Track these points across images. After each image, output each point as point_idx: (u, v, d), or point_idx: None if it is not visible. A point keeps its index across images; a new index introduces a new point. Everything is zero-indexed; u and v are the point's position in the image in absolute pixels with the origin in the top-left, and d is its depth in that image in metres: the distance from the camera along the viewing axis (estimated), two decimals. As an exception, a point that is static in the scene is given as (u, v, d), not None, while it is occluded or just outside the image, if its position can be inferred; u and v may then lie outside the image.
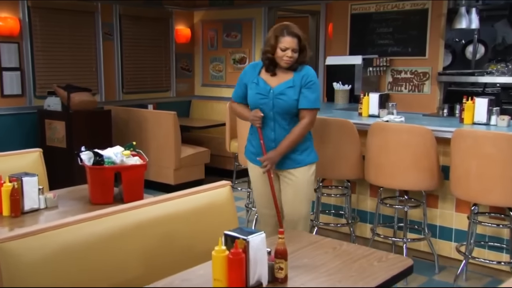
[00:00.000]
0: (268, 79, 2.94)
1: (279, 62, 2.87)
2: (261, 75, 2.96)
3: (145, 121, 5.70)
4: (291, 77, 2.90)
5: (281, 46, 2.82)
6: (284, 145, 2.92)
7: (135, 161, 2.89)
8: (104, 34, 6.02)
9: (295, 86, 2.89)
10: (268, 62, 2.91)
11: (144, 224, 2.16)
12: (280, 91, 2.89)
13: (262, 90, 2.93)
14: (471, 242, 3.34)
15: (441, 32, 4.85)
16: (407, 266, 1.99)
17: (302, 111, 2.91)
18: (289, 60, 2.84)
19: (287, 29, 2.84)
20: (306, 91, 2.89)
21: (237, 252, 1.75)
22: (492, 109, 3.45)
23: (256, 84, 2.95)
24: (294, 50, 2.83)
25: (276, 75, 2.93)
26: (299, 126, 2.91)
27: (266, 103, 2.92)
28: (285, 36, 2.82)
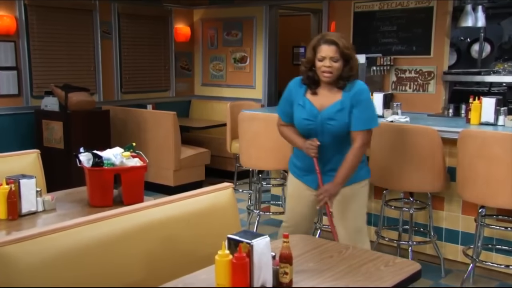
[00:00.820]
0: (314, 100, 2.64)
1: (320, 76, 2.58)
2: (307, 95, 2.66)
3: (144, 122, 5.63)
4: (339, 98, 2.60)
5: (318, 56, 2.54)
6: (341, 175, 2.62)
7: (135, 162, 2.82)
8: (103, 33, 5.94)
9: (345, 108, 2.58)
10: (308, 80, 2.63)
11: (145, 227, 2.10)
12: (328, 116, 2.60)
13: (309, 114, 2.63)
14: (479, 245, 3.26)
15: (446, 30, 4.78)
16: (415, 271, 1.93)
17: (354, 132, 2.61)
18: (327, 70, 2.53)
19: (323, 37, 2.57)
20: (357, 110, 2.58)
21: (241, 257, 1.69)
22: (500, 109, 3.38)
23: (302, 106, 2.65)
24: (332, 59, 2.52)
25: (322, 95, 2.63)
26: (352, 152, 2.61)
27: (314, 128, 2.64)
28: (321, 45, 2.54)
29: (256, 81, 6.49)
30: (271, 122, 3.94)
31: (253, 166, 4.18)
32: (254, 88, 6.51)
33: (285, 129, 2.81)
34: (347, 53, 2.55)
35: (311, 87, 2.65)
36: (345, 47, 2.54)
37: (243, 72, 6.59)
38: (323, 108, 2.62)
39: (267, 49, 6.35)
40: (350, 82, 2.60)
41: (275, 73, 6.55)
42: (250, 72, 6.52)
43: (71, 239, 1.87)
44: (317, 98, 2.65)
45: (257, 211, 4.31)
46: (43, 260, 1.76)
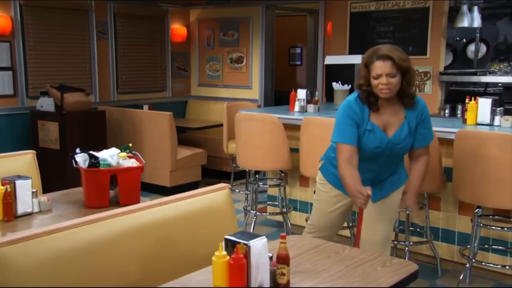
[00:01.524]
0: (379, 123, 2.50)
1: (378, 94, 2.44)
2: (372, 118, 2.50)
3: (140, 122, 5.61)
4: (403, 117, 2.49)
5: (373, 74, 2.40)
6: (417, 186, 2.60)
7: (131, 163, 2.81)
8: (98, 33, 5.92)
9: (411, 129, 2.51)
10: (366, 97, 2.47)
11: (141, 228, 2.09)
12: (398, 141, 2.51)
13: (380, 141, 2.50)
14: (475, 246, 3.27)
15: (442, 31, 4.79)
16: (412, 271, 1.93)
17: (419, 149, 2.57)
18: (385, 88, 2.38)
19: (376, 53, 2.41)
20: (422, 128, 2.52)
21: (238, 257, 1.69)
22: (496, 109, 3.39)
23: (372, 132, 2.49)
24: (389, 75, 2.37)
25: (385, 113, 2.49)
26: (425, 166, 2.59)
27: (381, 153, 2.53)
28: (375, 62, 2.40)
29: (252, 82, 6.49)
30: (268, 123, 3.95)
31: (250, 166, 4.17)
32: (251, 89, 6.51)
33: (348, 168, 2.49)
34: (404, 66, 2.39)
35: (372, 106, 2.48)
36: (401, 60, 2.39)
37: (239, 72, 6.58)
38: (391, 131, 2.51)
39: (264, 49, 6.35)
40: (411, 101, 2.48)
41: (271, 74, 6.55)
42: (246, 73, 6.52)
43: (67, 240, 1.86)
44: (381, 119, 2.50)
45: (254, 211, 4.31)
46: (39, 261, 1.75)
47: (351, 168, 2.50)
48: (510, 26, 5.66)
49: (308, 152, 3.69)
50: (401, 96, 2.45)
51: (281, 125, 3.90)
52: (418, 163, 2.60)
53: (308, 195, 4.24)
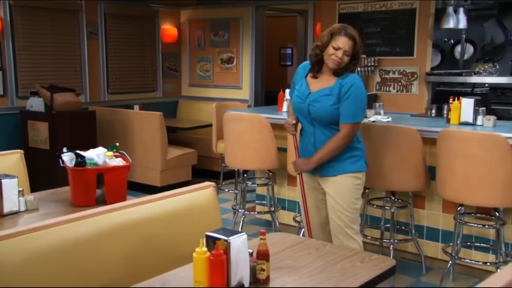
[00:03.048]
0: (311, 83, 2.82)
1: (326, 60, 2.71)
2: (307, 77, 2.85)
3: (131, 122, 5.63)
4: (331, 84, 2.74)
5: (334, 44, 2.65)
6: (317, 155, 2.79)
7: (118, 162, 2.83)
8: (89, 33, 5.94)
9: (332, 95, 2.72)
10: (315, 60, 2.76)
11: (125, 226, 2.12)
12: (315, 98, 2.76)
13: (301, 94, 2.82)
14: (458, 243, 3.32)
15: (429, 32, 4.84)
16: (389, 267, 1.96)
17: (341, 124, 2.74)
18: (337, 61, 2.66)
19: (345, 29, 2.68)
20: (345, 103, 2.71)
21: (218, 253, 1.72)
22: (478, 109, 3.44)
23: (300, 86, 2.85)
24: (346, 53, 2.65)
25: (320, 79, 2.79)
26: (334, 138, 2.75)
27: (303, 108, 2.81)
28: (341, 35, 2.65)
29: (243, 82, 6.53)
30: (256, 122, 3.99)
31: (238, 166, 4.21)
32: (241, 89, 6.54)
33: (289, 106, 3.06)
34: (359, 52, 2.72)
35: (314, 68, 2.78)
36: (359, 46, 2.70)
37: (230, 72, 6.62)
38: (314, 91, 2.79)
39: (254, 49, 6.39)
40: (346, 74, 2.72)
41: (261, 74, 6.59)
42: (237, 73, 6.55)
43: (51, 238, 1.88)
44: (314, 82, 2.80)
45: (242, 210, 4.34)
46: (24, 258, 1.77)
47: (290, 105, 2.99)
48: (496, 27, 5.74)
49: (295, 151, 3.73)
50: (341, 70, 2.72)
51: (269, 125, 3.94)
52: (332, 138, 2.76)
53: (296, 194, 4.28)
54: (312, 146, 2.83)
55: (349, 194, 2.83)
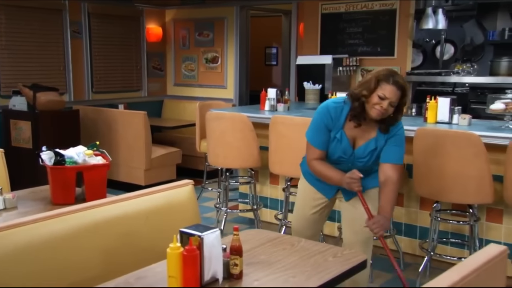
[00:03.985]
0: (351, 134, 2.54)
1: (368, 110, 2.43)
2: (345, 128, 2.54)
3: (115, 121, 5.64)
4: (374, 135, 2.53)
5: (380, 93, 2.38)
6: (389, 210, 2.53)
7: (97, 160, 2.86)
8: (72, 32, 5.93)
9: (378, 147, 2.54)
10: (360, 110, 2.46)
11: (103, 223, 2.14)
12: (361, 155, 2.56)
13: (343, 151, 2.56)
14: (434, 239, 3.39)
15: (409, 32, 4.92)
16: (360, 261, 2.02)
17: (389, 164, 2.53)
18: (381, 112, 2.40)
19: (394, 77, 2.40)
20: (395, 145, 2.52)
21: (191, 249, 1.76)
22: (454, 108, 3.51)
23: (339, 141, 2.55)
24: (392, 104, 2.40)
25: (360, 129, 2.52)
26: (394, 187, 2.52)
27: (344, 162, 2.59)
28: (390, 84, 2.38)
29: (227, 81, 6.56)
30: (238, 121, 4.03)
31: (220, 164, 4.25)
32: (226, 88, 6.58)
33: (318, 165, 2.61)
34: (405, 103, 2.48)
35: (358, 118, 2.49)
36: (406, 97, 2.46)
37: (214, 72, 6.65)
38: (357, 145, 2.56)
39: (238, 49, 6.43)
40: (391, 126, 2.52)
41: (246, 73, 6.63)
42: (221, 72, 6.59)
43: (28, 235, 1.90)
44: (353, 131, 2.54)
45: (225, 208, 4.38)
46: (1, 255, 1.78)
47: (323, 163, 2.60)
48: (476, 28, 5.85)
49: (276, 150, 3.78)
50: (381, 120, 2.48)
51: (250, 124, 3.98)
52: (385, 187, 2.52)
53: (278, 192, 4.33)
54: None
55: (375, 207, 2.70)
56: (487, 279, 1.55)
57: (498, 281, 1.62)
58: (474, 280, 1.48)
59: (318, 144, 2.59)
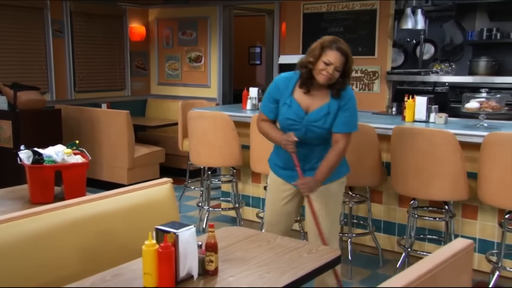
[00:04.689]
0: (302, 100, 2.63)
1: (316, 76, 2.54)
2: (295, 94, 2.65)
3: (98, 121, 5.63)
4: (327, 101, 2.61)
5: (325, 59, 2.49)
6: (321, 172, 2.63)
7: (76, 159, 2.86)
8: (54, 31, 5.90)
9: (331, 113, 2.61)
10: (306, 75, 2.58)
11: (80, 221, 2.15)
12: (315, 119, 2.62)
13: (295, 115, 2.63)
14: (411, 235, 3.45)
15: (389, 32, 4.98)
16: (334, 257, 2.05)
17: (337, 134, 2.63)
18: (328, 76, 2.51)
19: (337, 43, 2.53)
20: (344, 114, 2.61)
21: (166, 246, 1.77)
22: (431, 107, 3.58)
23: (289, 106, 2.64)
24: (337, 69, 2.51)
25: (311, 95, 2.63)
26: (336, 152, 2.62)
27: (298, 129, 2.64)
28: (333, 50, 2.50)
29: (211, 80, 6.58)
30: (219, 120, 4.05)
31: (202, 163, 4.27)
32: (209, 87, 6.60)
33: (264, 124, 2.78)
34: (350, 69, 2.57)
35: (306, 84, 2.60)
36: (351, 62, 2.56)
37: (198, 71, 6.66)
38: (310, 110, 2.63)
39: (222, 48, 6.45)
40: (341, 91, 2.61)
41: (229, 73, 6.65)
42: (205, 72, 6.60)
43: (4, 233, 1.89)
44: (304, 98, 2.63)
45: (207, 207, 4.40)
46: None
47: (269, 124, 2.76)
48: (455, 28, 5.94)
49: (257, 148, 3.81)
50: (331, 86, 2.60)
51: (232, 123, 4.00)
52: (331, 151, 2.64)
53: (260, 190, 4.36)
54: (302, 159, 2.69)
55: (340, 197, 2.83)
56: (453, 272, 1.60)
57: (464, 274, 1.67)
58: (440, 273, 1.53)
59: (265, 111, 2.76)
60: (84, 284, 1.84)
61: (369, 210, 3.69)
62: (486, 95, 3.32)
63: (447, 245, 1.68)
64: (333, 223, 2.81)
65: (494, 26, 5.83)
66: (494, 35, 5.78)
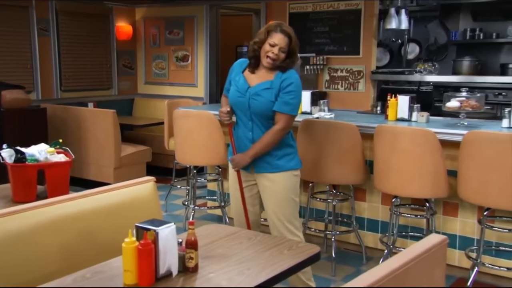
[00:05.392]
0: (249, 78, 2.85)
1: (262, 59, 2.76)
2: (244, 73, 2.88)
3: (84, 120, 5.61)
4: (271, 78, 2.80)
5: (270, 41, 2.70)
6: (253, 148, 2.82)
7: (59, 158, 2.87)
8: (40, 30, 5.87)
9: (273, 88, 2.77)
10: (252, 55, 2.81)
11: (62, 220, 2.15)
12: (256, 92, 2.79)
13: (240, 88, 2.83)
14: (394, 233, 3.49)
15: (373, 31, 5.03)
16: (314, 253, 2.08)
17: (277, 114, 2.78)
18: (273, 57, 2.71)
19: (281, 26, 2.74)
20: (284, 95, 2.76)
21: (146, 243, 1.79)
22: (413, 106, 3.62)
23: (237, 81, 2.87)
24: (281, 49, 2.71)
25: (258, 74, 2.84)
26: (271, 131, 2.79)
27: (242, 102, 2.83)
28: (277, 32, 2.71)
29: (198, 80, 6.59)
30: (204, 119, 4.07)
31: (187, 162, 4.28)
32: (196, 87, 6.61)
33: (223, 98, 3.07)
34: (295, 49, 2.76)
35: (251, 64, 2.83)
36: (295, 43, 2.76)
37: (185, 70, 6.67)
38: (254, 85, 2.83)
39: (209, 48, 6.46)
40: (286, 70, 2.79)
41: (216, 72, 6.67)
42: (192, 71, 6.61)
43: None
44: (252, 77, 2.85)
45: (192, 206, 4.42)
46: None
47: (223, 98, 3.05)
48: (439, 28, 6.01)
49: (242, 147, 3.83)
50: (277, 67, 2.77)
51: (217, 122, 4.02)
52: (267, 133, 2.82)
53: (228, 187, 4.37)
54: (249, 142, 2.86)
55: (288, 190, 2.89)
56: (426, 266, 1.64)
57: (438, 268, 1.71)
58: (413, 267, 1.56)
59: (225, 90, 3.02)
60: (65, 281, 1.85)
61: (353, 208, 3.73)
62: (466, 94, 3.37)
63: (421, 240, 1.71)
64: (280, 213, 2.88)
65: (478, 26, 5.91)
66: (478, 35, 5.86)
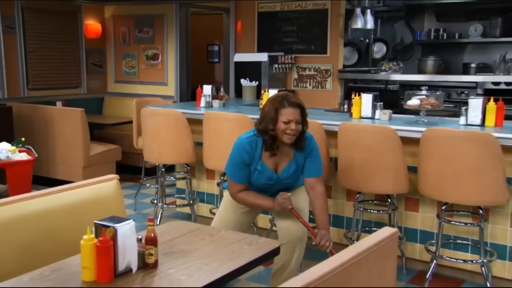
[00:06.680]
0: (270, 163, 2.70)
1: (281, 138, 2.60)
2: (263, 158, 2.69)
3: (52, 119, 5.54)
4: (292, 156, 2.71)
5: (284, 119, 2.55)
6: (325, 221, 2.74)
7: (21, 157, 2.85)
8: (5, 28, 5.76)
9: (299, 166, 2.74)
10: (270, 141, 2.62)
11: (23, 218, 2.15)
12: (286, 177, 2.74)
13: (268, 178, 2.71)
14: (358, 228, 3.57)
15: (340, 31, 5.11)
16: (273, 248, 2.13)
17: (311, 179, 2.74)
18: (293, 133, 2.58)
19: (287, 100, 2.58)
20: (312, 160, 2.73)
21: (105, 240, 1.81)
22: (376, 104, 3.71)
23: (260, 171, 2.69)
24: (297, 122, 2.57)
25: (278, 156, 2.70)
26: (322, 198, 2.73)
27: (271, 186, 2.76)
28: (286, 108, 2.56)
29: (168, 78, 6.57)
30: (172, 117, 4.08)
31: (155, 160, 4.28)
32: (167, 85, 6.59)
33: (244, 195, 2.74)
34: (306, 114, 2.65)
35: (268, 146, 2.64)
36: (305, 109, 2.63)
37: (155, 69, 6.64)
38: (279, 169, 2.73)
39: (179, 46, 6.45)
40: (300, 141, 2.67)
41: (187, 70, 6.66)
42: (162, 69, 6.59)
43: None
44: (273, 161, 2.70)
45: (161, 204, 4.42)
46: None
47: (248, 193, 2.75)
48: (405, 28, 6.15)
49: (210, 145, 3.86)
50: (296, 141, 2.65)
51: (185, 120, 4.04)
52: (316, 199, 2.74)
53: (214, 187, 4.41)
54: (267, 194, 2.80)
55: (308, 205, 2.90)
56: (377, 258, 1.70)
57: (389, 260, 1.78)
58: (364, 259, 1.62)
59: (240, 179, 2.72)
60: (22, 280, 1.85)
61: (319, 205, 3.79)
62: (426, 92, 3.47)
63: (373, 233, 1.77)
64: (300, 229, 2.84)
65: (441, 26, 6.07)
66: (441, 35, 6.01)
